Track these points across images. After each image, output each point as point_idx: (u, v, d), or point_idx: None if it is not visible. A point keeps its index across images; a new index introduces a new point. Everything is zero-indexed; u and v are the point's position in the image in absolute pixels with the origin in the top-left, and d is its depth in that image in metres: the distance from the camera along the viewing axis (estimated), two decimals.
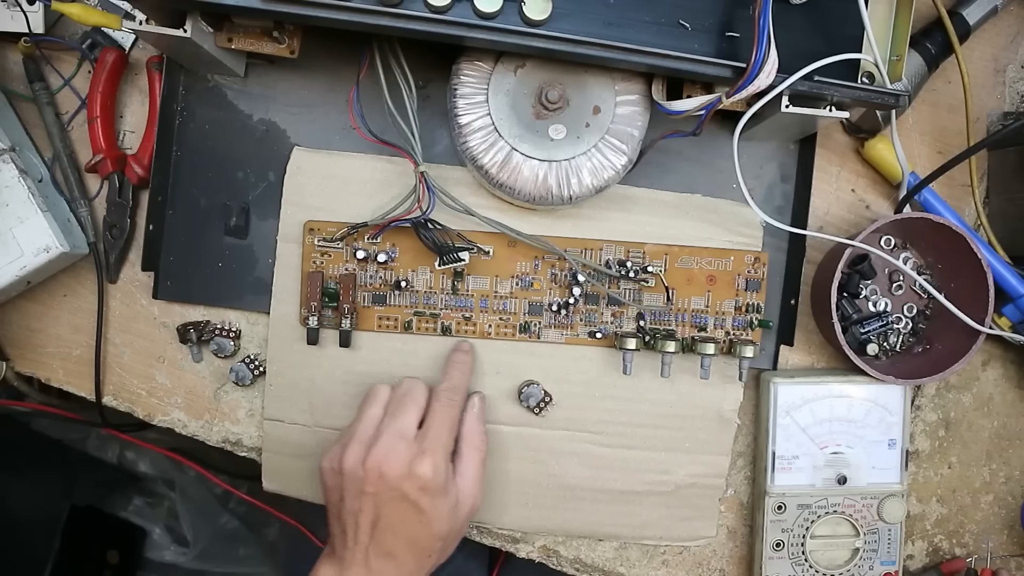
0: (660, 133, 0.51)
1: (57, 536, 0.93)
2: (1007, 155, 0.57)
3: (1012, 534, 0.61)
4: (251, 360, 0.56)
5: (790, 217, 0.56)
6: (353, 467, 0.46)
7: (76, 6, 0.47)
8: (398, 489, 0.45)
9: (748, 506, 0.59)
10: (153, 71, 0.55)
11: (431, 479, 0.45)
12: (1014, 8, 0.58)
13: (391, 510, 0.45)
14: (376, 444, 0.46)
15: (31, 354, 0.57)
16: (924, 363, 0.54)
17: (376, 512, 0.45)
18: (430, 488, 0.45)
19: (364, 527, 0.46)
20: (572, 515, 0.57)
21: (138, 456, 1.06)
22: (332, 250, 0.54)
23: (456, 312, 0.55)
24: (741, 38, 0.45)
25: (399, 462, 0.45)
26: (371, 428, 0.48)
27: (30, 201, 0.52)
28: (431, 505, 0.45)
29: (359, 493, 0.46)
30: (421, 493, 0.45)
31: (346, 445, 0.47)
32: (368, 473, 0.45)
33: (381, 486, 0.45)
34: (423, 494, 0.45)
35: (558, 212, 0.55)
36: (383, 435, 0.46)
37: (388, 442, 0.46)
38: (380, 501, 0.45)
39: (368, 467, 0.45)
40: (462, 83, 0.48)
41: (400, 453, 0.45)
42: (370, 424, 0.48)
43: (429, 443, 0.46)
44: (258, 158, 0.55)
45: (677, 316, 0.55)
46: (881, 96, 0.46)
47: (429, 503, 0.45)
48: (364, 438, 0.47)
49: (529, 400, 0.54)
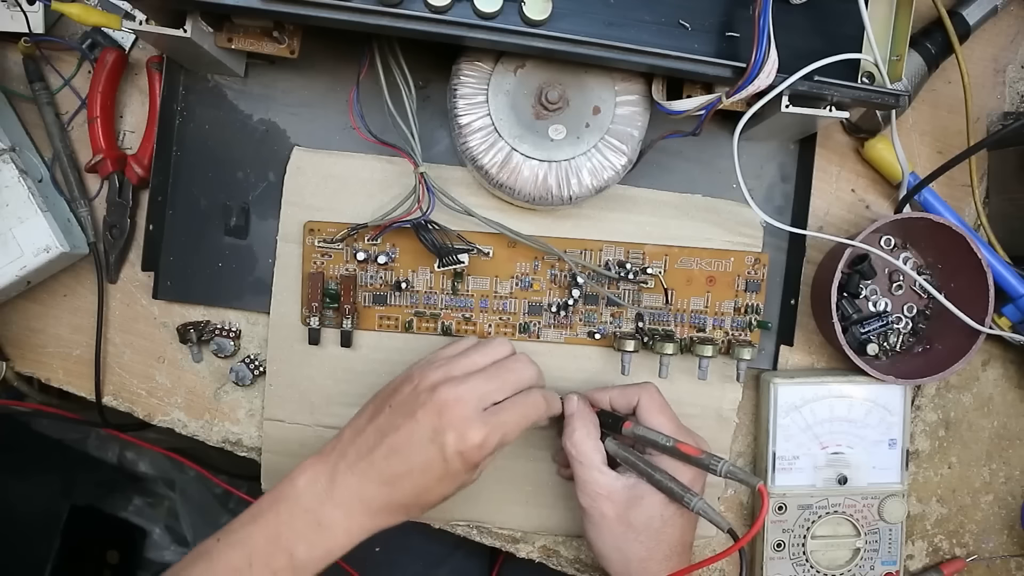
0: (660, 133, 0.51)
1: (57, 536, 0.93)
2: (1007, 155, 0.57)
3: (1012, 534, 0.61)
4: (251, 360, 0.56)
5: (790, 217, 0.56)
6: (424, 388, 0.44)
7: (76, 6, 0.47)
8: (441, 435, 0.43)
9: (748, 506, 0.59)
10: (153, 71, 0.55)
11: (474, 451, 0.43)
12: (1014, 8, 0.58)
13: (420, 449, 0.43)
14: (456, 386, 0.44)
15: (31, 354, 0.57)
16: (924, 363, 0.54)
17: (407, 441, 0.43)
18: (468, 457, 0.43)
19: (385, 444, 0.43)
20: (572, 515, 0.57)
21: (138, 456, 1.06)
22: (332, 251, 0.54)
23: (456, 312, 0.55)
24: (741, 38, 0.45)
25: (462, 416, 0.43)
26: (465, 369, 0.46)
27: (30, 201, 0.52)
28: (457, 471, 0.43)
29: (409, 415, 0.44)
30: (457, 456, 0.43)
31: (436, 367, 0.45)
32: (429, 404, 0.43)
33: (430, 422, 0.43)
34: (458, 457, 0.43)
35: (558, 212, 0.55)
36: (466, 383, 0.44)
37: (465, 392, 0.44)
38: (419, 434, 0.43)
39: (433, 398, 0.43)
40: (462, 83, 0.48)
41: (468, 408, 0.43)
42: (468, 366, 0.46)
43: (495, 422, 0.44)
44: (258, 158, 0.55)
45: (676, 317, 0.55)
46: (881, 96, 0.46)
47: (457, 469, 0.43)
48: (454, 372, 0.45)
49: None
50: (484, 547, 0.59)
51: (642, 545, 0.47)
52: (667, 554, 0.47)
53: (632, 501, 0.47)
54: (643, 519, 0.46)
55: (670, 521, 0.47)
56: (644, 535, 0.46)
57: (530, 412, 0.46)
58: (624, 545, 0.47)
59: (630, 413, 0.50)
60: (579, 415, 0.49)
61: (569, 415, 0.49)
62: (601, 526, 0.47)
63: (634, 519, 0.47)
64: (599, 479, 0.47)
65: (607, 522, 0.47)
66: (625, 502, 0.47)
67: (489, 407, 0.44)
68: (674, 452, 0.47)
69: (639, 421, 0.49)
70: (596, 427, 0.49)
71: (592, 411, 0.50)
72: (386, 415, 0.45)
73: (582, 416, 0.49)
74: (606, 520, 0.47)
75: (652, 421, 0.49)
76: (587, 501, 0.47)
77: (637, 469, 0.47)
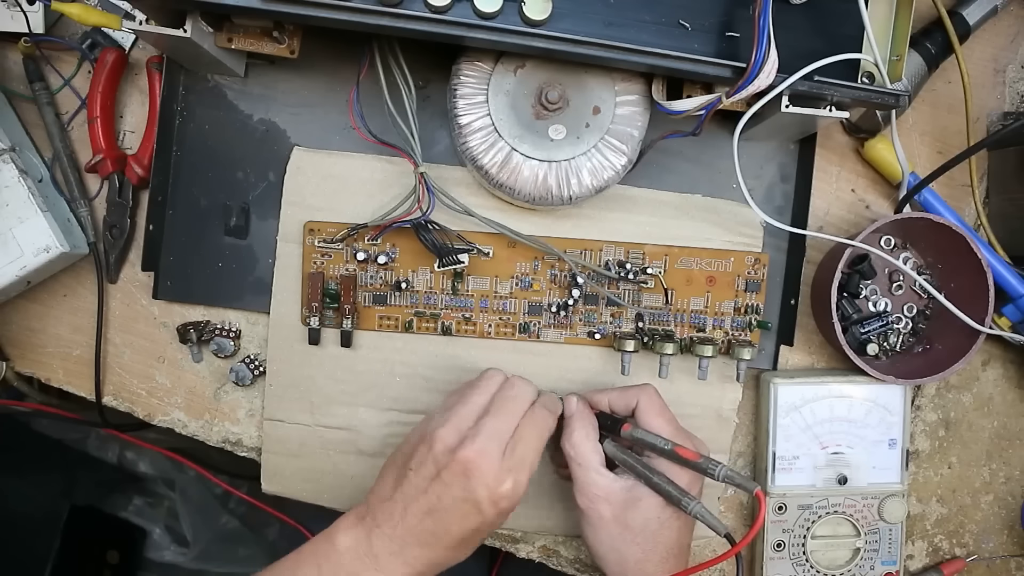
0: (660, 133, 0.51)
1: (57, 536, 0.93)
2: (1007, 155, 0.57)
3: (1012, 534, 0.61)
4: (251, 360, 0.56)
5: (790, 217, 0.56)
6: (442, 451, 0.44)
7: (76, 6, 0.47)
8: (474, 494, 0.43)
9: (748, 506, 0.59)
10: (153, 71, 0.55)
11: (510, 498, 0.44)
12: (1014, 8, 0.58)
13: (456, 508, 0.43)
14: (473, 441, 0.44)
15: (31, 354, 0.57)
16: (924, 363, 0.54)
17: (439, 502, 0.43)
18: (503, 506, 0.44)
19: (417, 509, 0.44)
20: (571, 515, 0.56)
21: (138, 456, 1.06)
22: (332, 251, 0.54)
23: (456, 312, 0.55)
24: (741, 38, 0.45)
25: (489, 470, 0.43)
26: (472, 417, 0.45)
27: (30, 201, 0.52)
28: (494, 519, 0.44)
29: (433, 476, 0.44)
30: (492, 506, 0.43)
31: (444, 423, 0.45)
32: (453, 465, 0.43)
33: (459, 483, 0.43)
34: (493, 507, 0.43)
35: (558, 212, 0.55)
36: (481, 434, 0.44)
37: (484, 444, 0.43)
38: (450, 496, 0.43)
39: (456, 459, 0.43)
40: (462, 83, 0.48)
41: (492, 460, 0.43)
42: (473, 411, 0.46)
43: (517, 460, 0.44)
44: (258, 158, 0.55)
45: (676, 317, 0.55)
46: (881, 96, 0.46)
47: (494, 518, 0.44)
48: (463, 426, 0.45)
49: None
50: (484, 547, 0.58)
51: (639, 547, 0.47)
52: (664, 556, 0.47)
53: (630, 503, 0.47)
54: (640, 521, 0.47)
55: (667, 523, 0.47)
56: (641, 537, 0.47)
57: (542, 432, 0.46)
58: (621, 546, 0.47)
59: (629, 415, 0.50)
60: (578, 416, 0.49)
61: (568, 416, 0.49)
62: (598, 527, 0.47)
63: (631, 521, 0.47)
64: (597, 480, 0.47)
65: (604, 523, 0.47)
66: (623, 504, 0.47)
67: (506, 447, 0.44)
68: (673, 456, 0.47)
69: (638, 423, 0.49)
70: (595, 429, 0.49)
71: (591, 413, 0.50)
72: (411, 480, 0.45)
73: (581, 417, 0.49)
74: (603, 521, 0.47)
75: (651, 423, 0.49)
76: (585, 502, 0.48)
77: (635, 472, 0.47)
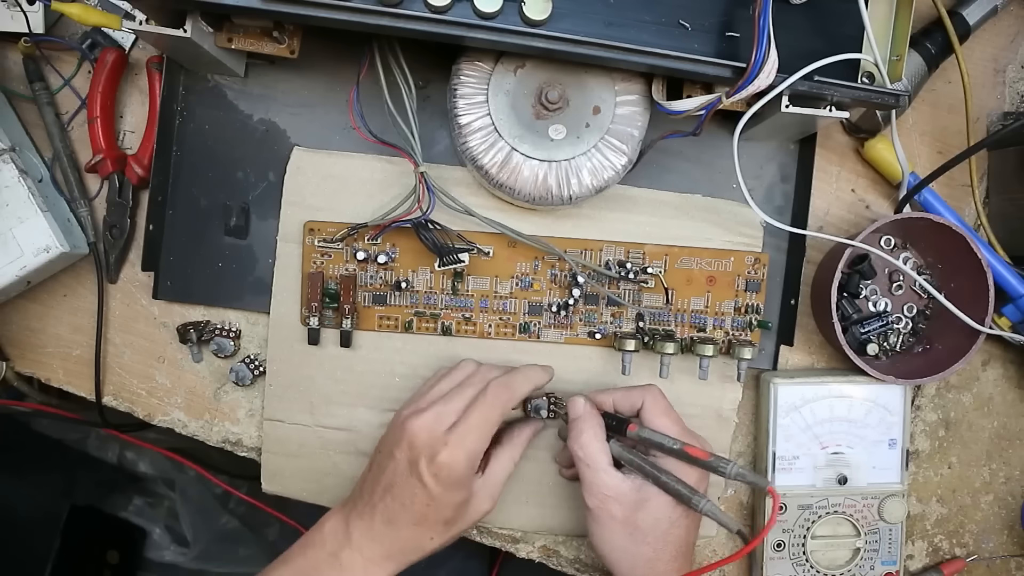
0: (660, 133, 0.51)
1: (57, 536, 0.93)
2: (1007, 155, 0.57)
3: (1012, 534, 0.61)
4: (251, 360, 0.56)
5: (790, 217, 0.56)
6: (398, 425, 0.47)
7: (76, 6, 0.47)
8: (416, 465, 0.45)
9: (748, 506, 0.59)
10: (153, 71, 0.55)
11: (447, 470, 0.45)
12: (1014, 8, 0.58)
13: (404, 483, 0.46)
14: (421, 416, 0.46)
15: (31, 354, 0.57)
16: (924, 363, 0.54)
17: (393, 478, 0.46)
18: (443, 478, 0.45)
19: (380, 487, 0.47)
20: (572, 515, 0.57)
21: (138, 456, 1.06)
22: (332, 251, 0.54)
23: (456, 312, 0.55)
24: (741, 38, 0.45)
25: (428, 440, 0.45)
26: (430, 399, 0.48)
27: (30, 201, 0.52)
28: (440, 493, 0.45)
29: (390, 453, 0.47)
30: (434, 479, 0.45)
31: (407, 405, 0.49)
32: (402, 440, 0.46)
33: (405, 456, 0.46)
34: (436, 480, 0.45)
35: (558, 212, 0.55)
36: (429, 410, 0.47)
37: (427, 418, 0.46)
38: (400, 470, 0.46)
39: (404, 433, 0.46)
40: (462, 83, 0.48)
41: (432, 432, 0.46)
42: (434, 395, 0.49)
43: (456, 436, 0.46)
44: (258, 158, 0.55)
45: (676, 317, 0.55)
46: (881, 96, 0.46)
47: (439, 491, 0.45)
48: (422, 405, 0.48)
49: (539, 412, 0.51)
50: (484, 547, 0.59)
51: (649, 546, 0.47)
52: (674, 555, 0.47)
53: (639, 503, 0.47)
54: (650, 520, 0.47)
55: (677, 522, 0.47)
56: (651, 536, 0.47)
57: (490, 412, 0.47)
58: (631, 546, 0.47)
59: (633, 415, 0.50)
60: (586, 417, 0.49)
61: (576, 418, 0.49)
62: (608, 527, 0.47)
63: (641, 521, 0.47)
64: (607, 481, 0.47)
65: (615, 523, 0.47)
66: (633, 504, 0.47)
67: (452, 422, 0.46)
68: (682, 455, 0.47)
69: (643, 423, 0.49)
70: (603, 429, 0.49)
71: (598, 413, 0.50)
72: (377, 461, 0.49)
73: (589, 418, 0.49)
74: (614, 521, 0.47)
75: (657, 423, 0.49)
76: (595, 502, 0.48)
77: (643, 471, 0.47)
